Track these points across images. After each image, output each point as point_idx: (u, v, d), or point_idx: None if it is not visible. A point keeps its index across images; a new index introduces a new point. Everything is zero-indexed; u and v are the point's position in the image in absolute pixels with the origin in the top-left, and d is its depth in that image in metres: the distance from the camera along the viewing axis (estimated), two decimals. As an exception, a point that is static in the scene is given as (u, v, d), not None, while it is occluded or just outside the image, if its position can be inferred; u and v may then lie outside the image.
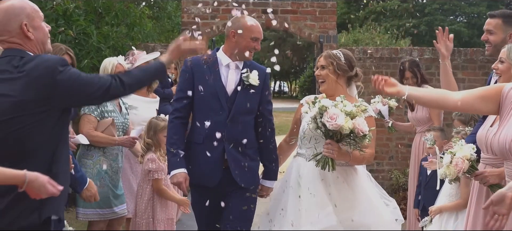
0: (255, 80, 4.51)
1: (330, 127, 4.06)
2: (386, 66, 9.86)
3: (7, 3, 3.31)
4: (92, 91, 3.31)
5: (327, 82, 4.50)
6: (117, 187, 5.51)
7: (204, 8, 9.40)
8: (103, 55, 8.04)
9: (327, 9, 9.84)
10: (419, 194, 6.08)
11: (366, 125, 4.13)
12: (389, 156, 9.90)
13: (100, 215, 5.39)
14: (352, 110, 4.10)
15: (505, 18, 4.84)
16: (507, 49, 4.04)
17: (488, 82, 5.05)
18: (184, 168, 4.42)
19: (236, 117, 4.48)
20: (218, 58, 4.56)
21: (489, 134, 3.72)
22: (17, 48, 3.29)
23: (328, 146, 4.17)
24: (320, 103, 4.13)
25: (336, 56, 4.50)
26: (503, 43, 4.70)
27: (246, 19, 4.58)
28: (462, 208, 5.11)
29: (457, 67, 9.92)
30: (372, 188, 4.56)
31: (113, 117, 5.44)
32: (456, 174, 4.05)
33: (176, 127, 4.49)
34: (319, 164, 4.22)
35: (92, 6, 8.69)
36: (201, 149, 4.46)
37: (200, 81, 4.48)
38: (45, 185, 2.98)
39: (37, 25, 3.33)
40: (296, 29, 9.80)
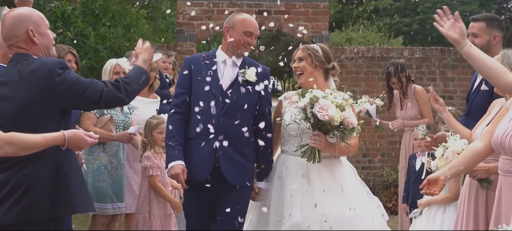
0: (252, 76, 4.52)
1: (322, 117, 4.06)
2: (378, 65, 10.05)
3: (15, 11, 3.55)
4: (88, 94, 3.53)
5: (305, 74, 4.51)
6: (118, 182, 5.66)
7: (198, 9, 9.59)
8: (101, 56, 8.20)
9: (319, 10, 10.01)
10: (408, 189, 6.27)
11: (355, 117, 4.18)
12: (380, 153, 10.09)
13: (100, 210, 5.55)
14: (342, 102, 4.13)
15: (488, 21, 5.08)
16: (501, 55, 4.11)
17: (473, 81, 5.26)
18: (181, 160, 4.41)
19: (230, 112, 4.45)
20: (216, 55, 4.60)
21: (483, 133, 4.01)
22: (23, 53, 3.49)
23: (315, 137, 4.19)
24: (311, 93, 4.13)
25: (314, 48, 4.55)
26: (488, 45, 4.99)
27: (240, 14, 4.63)
28: (450, 201, 5.32)
29: (447, 66, 10.12)
30: (357, 184, 4.56)
31: (112, 115, 5.60)
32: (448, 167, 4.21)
33: (175, 122, 4.50)
34: (305, 155, 4.22)
35: (90, 8, 8.86)
36: (194, 143, 4.46)
37: (198, 77, 4.50)
38: (84, 138, 3.27)
39: (42, 31, 3.55)
40: (289, 29, 9.98)
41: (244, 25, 4.53)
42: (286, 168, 4.45)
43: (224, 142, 4.41)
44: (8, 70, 3.52)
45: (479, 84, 5.08)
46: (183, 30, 9.72)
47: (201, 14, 9.76)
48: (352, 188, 4.43)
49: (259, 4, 9.87)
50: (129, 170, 5.92)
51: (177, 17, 9.93)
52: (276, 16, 9.89)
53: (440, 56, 10.16)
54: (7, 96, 3.38)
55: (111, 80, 5.56)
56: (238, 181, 4.49)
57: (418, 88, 6.99)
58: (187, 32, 9.71)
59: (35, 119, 3.36)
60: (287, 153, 4.51)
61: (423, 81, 9.85)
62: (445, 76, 10.13)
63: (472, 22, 5.18)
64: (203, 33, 9.75)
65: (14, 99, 3.36)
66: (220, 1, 9.74)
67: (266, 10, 9.73)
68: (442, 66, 10.15)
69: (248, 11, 9.70)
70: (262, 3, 9.90)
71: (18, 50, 3.52)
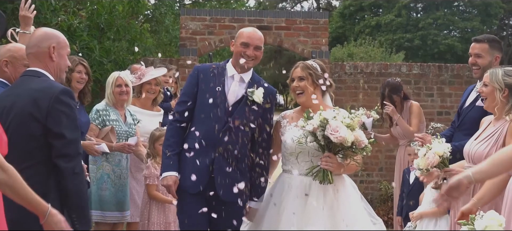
0: (259, 97, 4.47)
1: (335, 139, 4.03)
2: (376, 80, 10.23)
3: (48, 29, 3.87)
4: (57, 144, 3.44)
5: (305, 94, 4.45)
6: (121, 191, 5.81)
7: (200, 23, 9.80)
8: (105, 68, 8.41)
9: (319, 26, 10.21)
10: (402, 202, 6.44)
11: (365, 136, 4.19)
12: (378, 167, 10.25)
13: (103, 217, 5.72)
14: (350, 122, 4.10)
15: (490, 43, 5.27)
16: (489, 73, 4.35)
17: (466, 95, 5.44)
18: (175, 172, 4.40)
19: (231, 129, 4.41)
20: (225, 69, 4.55)
21: (472, 147, 4.32)
22: (36, 69, 3.69)
23: (326, 159, 4.15)
24: (321, 116, 4.09)
25: (313, 66, 4.49)
26: (490, 65, 5.13)
27: (245, 28, 4.62)
28: (442, 214, 5.49)
29: (444, 82, 10.31)
30: (359, 203, 4.48)
31: (113, 126, 5.77)
32: (426, 166, 4.44)
33: (173, 130, 4.49)
34: (317, 177, 4.19)
35: (95, 22, 9.09)
36: (193, 155, 4.41)
37: (205, 88, 4.46)
38: (61, 223, 3.15)
39: (62, 53, 3.78)
40: (290, 44, 10.18)
41: (241, 37, 4.51)
42: (288, 188, 4.39)
43: (221, 156, 4.39)
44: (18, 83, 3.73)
45: (474, 99, 5.24)
46: (185, 44, 9.93)
47: (203, 29, 9.97)
48: (353, 210, 4.36)
49: (260, 19, 10.07)
50: (132, 180, 6.04)
51: (180, 32, 10.14)
52: (277, 31, 10.09)
53: (438, 72, 10.35)
54: (12, 107, 3.56)
55: (113, 92, 5.78)
56: (231, 198, 4.44)
57: (415, 104, 7.15)
58: (189, 46, 9.92)
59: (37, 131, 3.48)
60: (289, 172, 4.45)
61: (420, 96, 10.05)
62: (442, 92, 10.32)
63: (475, 43, 5.32)
64: (205, 47, 9.96)
65: (18, 110, 3.53)
66: (222, 17, 9.96)
67: (267, 26, 9.94)
68: (439, 82, 10.33)
69: (249, 26, 9.89)
70: (264, 18, 10.10)
71: (34, 64, 3.72)
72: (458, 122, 5.34)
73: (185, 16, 10.03)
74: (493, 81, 4.29)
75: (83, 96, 5.63)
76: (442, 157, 4.40)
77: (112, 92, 5.88)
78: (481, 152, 4.16)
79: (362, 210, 4.44)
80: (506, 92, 4.21)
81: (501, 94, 4.22)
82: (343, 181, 4.43)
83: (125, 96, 5.90)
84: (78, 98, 5.53)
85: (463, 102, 5.43)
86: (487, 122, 4.48)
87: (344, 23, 41.33)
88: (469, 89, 5.54)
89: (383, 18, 39.35)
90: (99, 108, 5.82)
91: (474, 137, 4.44)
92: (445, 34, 38.05)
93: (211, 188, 4.42)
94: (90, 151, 5.37)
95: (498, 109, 4.25)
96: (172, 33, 13.82)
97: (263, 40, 4.58)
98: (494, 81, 4.27)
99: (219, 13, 10.16)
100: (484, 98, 4.42)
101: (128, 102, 6.01)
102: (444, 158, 4.42)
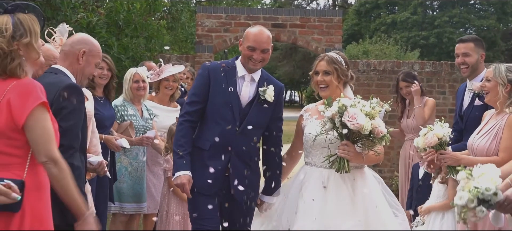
0: (271, 96, 4.44)
1: (352, 126, 3.99)
2: (389, 78, 10.38)
3: (89, 36, 3.99)
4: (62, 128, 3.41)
5: (330, 88, 4.41)
6: (139, 184, 6.00)
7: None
8: (123, 65, 8.60)
9: (333, 24, 10.38)
10: (411, 197, 6.57)
11: (384, 125, 4.14)
12: (391, 163, 10.39)
13: (120, 209, 5.94)
14: (370, 110, 4.07)
15: (475, 42, 5.60)
16: (493, 69, 4.60)
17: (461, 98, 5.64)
18: (188, 171, 4.35)
19: (246, 130, 4.41)
20: (235, 68, 4.50)
21: (474, 140, 4.58)
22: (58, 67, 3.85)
23: (344, 147, 4.13)
24: (339, 102, 4.05)
25: (339, 61, 4.43)
26: (477, 63, 5.50)
27: (252, 27, 4.53)
28: (449, 208, 5.64)
29: (456, 80, 10.42)
30: (381, 196, 4.40)
31: (132, 120, 5.97)
32: (424, 145, 4.62)
33: (185, 130, 4.42)
34: (334, 165, 4.17)
35: (113, 20, 9.28)
36: (206, 156, 4.41)
37: (216, 88, 4.41)
38: (93, 226, 3.25)
39: (91, 61, 3.91)
40: (304, 42, 10.34)
41: (247, 39, 4.42)
42: (307, 179, 4.37)
43: (237, 157, 4.41)
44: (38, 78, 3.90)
45: (471, 100, 5.45)
46: (201, 41, 10.12)
47: (219, 26, 10.16)
48: (373, 201, 4.29)
49: (275, 17, 10.26)
50: (149, 173, 6.21)
51: (196, 29, 10.33)
52: (291, 29, 10.25)
53: (450, 70, 10.47)
54: None
55: (131, 88, 5.97)
56: (245, 197, 4.48)
57: (431, 100, 7.28)
58: (205, 43, 10.11)
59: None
60: (310, 164, 4.43)
61: (433, 94, 10.17)
62: (454, 89, 10.37)
63: (461, 43, 5.65)
64: (221, 44, 10.16)
65: None
66: (237, 14, 10.16)
67: (282, 24, 10.12)
68: (451, 80, 10.45)
69: (264, 24, 10.06)
70: (278, 16, 10.29)
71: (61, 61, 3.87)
72: (463, 125, 5.51)
73: (201, 14, 10.23)
74: (496, 77, 4.53)
75: (108, 92, 5.78)
76: (440, 140, 4.57)
77: (130, 87, 6.08)
78: (482, 146, 4.37)
79: (383, 202, 4.37)
80: (508, 87, 4.47)
81: (504, 89, 4.47)
82: (363, 173, 4.39)
83: (142, 91, 6.10)
84: (103, 93, 5.72)
85: (460, 104, 5.62)
86: (488, 116, 4.73)
87: (359, 20, 41.38)
88: (461, 90, 5.78)
89: (398, 16, 39.35)
90: (118, 104, 6.01)
91: (476, 132, 4.68)
92: (461, 32, 37.98)
93: (225, 188, 4.43)
94: (111, 146, 5.53)
95: (500, 104, 4.50)
96: (188, 30, 13.98)
97: (271, 40, 4.50)
98: (497, 76, 4.52)
99: (235, 11, 10.37)
100: (486, 92, 4.64)
101: (145, 97, 6.20)
102: (442, 141, 4.59)
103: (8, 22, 3.08)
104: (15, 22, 3.09)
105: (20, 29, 3.09)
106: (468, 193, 3.58)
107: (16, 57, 3.06)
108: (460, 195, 3.64)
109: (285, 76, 44.73)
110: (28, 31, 3.11)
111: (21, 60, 3.08)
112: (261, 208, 4.65)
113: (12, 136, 3.02)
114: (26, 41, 3.10)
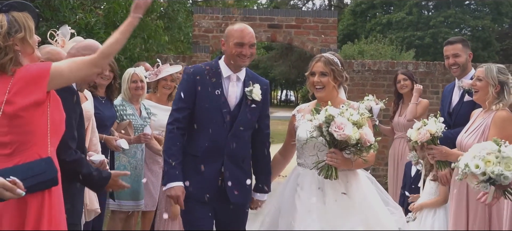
0: (258, 95, 4.41)
1: (338, 137, 3.97)
2: (383, 78, 10.53)
3: (97, 44, 4.06)
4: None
5: (326, 89, 4.39)
6: (137, 182, 6.08)
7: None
8: (121, 65, 8.69)
9: (328, 25, 10.52)
10: (404, 195, 6.71)
11: (372, 134, 4.09)
12: (384, 162, 10.50)
13: (119, 206, 6.05)
14: (358, 119, 4.04)
15: (462, 42, 5.84)
16: (485, 69, 4.82)
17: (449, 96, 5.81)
18: (181, 182, 4.29)
19: (237, 131, 4.38)
20: (220, 68, 4.44)
21: (463, 138, 4.80)
22: None
23: (332, 155, 4.11)
24: (326, 112, 4.02)
25: (335, 62, 4.42)
26: (467, 62, 5.74)
27: (233, 25, 4.47)
28: (440, 204, 5.79)
29: (450, 80, 10.48)
30: (375, 194, 4.41)
31: (130, 120, 6.09)
32: (416, 139, 4.74)
33: (175, 138, 4.34)
34: (322, 172, 4.14)
35: (111, 20, 9.39)
36: (199, 161, 4.35)
37: (203, 92, 4.35)
38: None
39: None
40: (299, 42, 10.48)
41: (234, 37, 4.36)
42: (301, 181, 4.36)
43: (229, 160, 4.37)
44: None
45: (461, 97, 5.61)
46: (198, 42, 10.25)
47: (216, 27, 10.28)
48: (368, 201, 4.31)
49: (271, 18, 10.38)
50: (147, 171, 6.32)
51: (193, 29, 10.46)
52: (287, 30, 10.38)
53: (443, 71, 10.62)
54: None
55: (129, 88, 6.10)
56: (241, 200, 4.46)
57: (424, 100, 7.44)
58: (202, 43, 10.24)
59: None
60: (303, 166, 4.43)
61: (426, 94, 10.30)
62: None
63: (449, 45, 5.86)
64: (217, 44, 10.28)
65: None
66: (233, 15, 10.28)
67: (278, 24, 10.25)
68: (445, 80, 10.59)
69: (260, 24, 10.26)
70: (274, 17, 10.42)
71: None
72: (452, 122, 5.65)
73: (198, 15, 10.36)
74: (488, 77, 4.76)
75: (111, 92, 5.87)
76: (433, 136, 4.70)
77: (128, 87, 6.19)
78: (471, 144, 4.53)
79: (378, 201, 4.37)
80: (498, 88, 4.72)
81: (494, 89, 4.72)
82: (356, 174, 4.37)
83: (141, 91, 6.21)
84: (105, 94, 5.82)
85: (449, 102, 5.77)
86: (475, 115, 4.94)
87: (355, 20, 41.49)
88: (448, 89, 5.97)
89: (394, 16, 39.50)
90: (117, 104, 6.10)
91: (464, 130, 4.88)
92: (456, 32, 38.14)
93: (221, 193, 4.38)
94: (111, 146, 5.62)
95: (489, 103, 4.72)
96: (184, 30, 14.07)
97: (254, 35, 4.48)
98: (489, 77, 4.74)
99: (231, 11, 10.48)
100: (476, 91, 4.83)
101: (143, 97, 6.32)
102: (434, 137, 4.72)
103: (3, 20, 3.26)
104: (10, 20, 3.26)
105: (15, 25, 3.26)
106: (485, 166, 3.77)
107: (9, 52, 3.22)
108: (476, 162, 3.81)
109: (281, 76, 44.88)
110: (22, 27, 3.28)
111: (14, 55, 3.23)
112: (252, 206, 4.64)
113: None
114: (20, 35, 3.26)
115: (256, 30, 10.34)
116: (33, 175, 3.09)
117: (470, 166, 3.82)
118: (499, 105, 4.69)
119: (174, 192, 4.26)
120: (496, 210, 4.67)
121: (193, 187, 4.33)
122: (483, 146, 3.91)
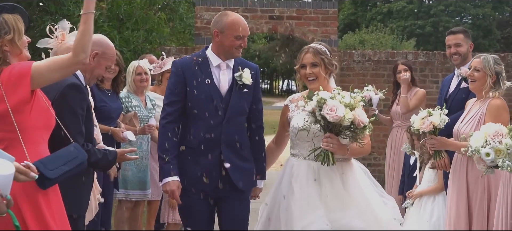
0: (248, 79, 4.39)
1: (331, 119, 3.95)
2: (383, 68, 10.65)
3: (106, 38, 4.13)
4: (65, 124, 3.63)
5: (318, 80, 4.36)
6: (143, 171, 6.25)
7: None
8: (125, 57, 8.78)
9: (329, 16, 10.62)
10: (403, 182, 6.85)
11: (365, 115, 4.08)
12: (385, 151, 10.62)
13: (126, 196, 6.20)
14: (350, 101, 4.03)
15: (464, 33, 5.97)
16: (482, 60, 4.98)
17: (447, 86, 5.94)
18: (176, 176, 4.27)
19: (231, 118, 4.35)
20: (208, 58, 4.41)
21: (459, 128, 4.96)
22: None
23: (327, 139, 4.07)
24: (318, 96, 4.01)
25: (324, 51, 4.39)
26: (468, 52, 5.87)
27: (228, 16, 4.39)
28: (439, 191, 5.94)
29: (449, 69, 10.61)
30: (369, 186, 4.40)
31: (136, 111, 6.23)
32: (419, 128, 4.91)
33: (168, 133, 4.31)
34: (319, 158, 4.12)
35: (115, 13, 9.51)
36: (196, 153, 4.32)
37: (193, 83, 4.32)
38: None
39: (101, 63, 4.03)
40: (300, 33, 10.60)
41: (234, 30, 4.33)
42: (296, 173, 4.31)
43: (227, 148, 4.34)
44: None
45: (458, 84, 5.77)
46: (200, 34, 10.37)
47: (218, 19, 10.37)
48: (363, 193, 4.30)
49: (272, 9, 10.49)
50: (152, 161, 6.41)
51: (195, 22, 10.57)
52: (288, 21, 10.50)
53: (443, 60, 10.73)
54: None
55: (134, 80, 6.23)
56: (246, 184, 4.44)
57: (421, 90, 7.52)
58: (204, 35, 10.36)
59: None
60: (297, 156, 4.38)
61: (426, 83, 10.43)
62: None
63: (452, 35, 5.99)
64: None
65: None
66: (235, 7, 10.38)
67: (279, 15, 10.37)
68: (444, 69, 10.70)
69: (261, 16, 10.39)
70: (275, 9, 10.52)
71: None
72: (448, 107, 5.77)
73: (200, 7, 10.47)
74: (485, 68, 4.93)
75: (117, 85, 5.99)
76: (435, 127, 4.86)
77: (133, 80, 6.32)
78: (467, 133, 4.66)
79: (372, 192, 4.36)
80: (494, 78, 4.90)
81: (491, 79, 4.90)
82: (351, 165, 4.37)
83: (145, 83, 6.34)
84: (111, 87, 5.95)
85: (446, 91, 5.89)
86: (470, 104, 5.11)
87: (356, 10, 41.49)
88: (448, 79, 6.13)
89: (394, 5, 39.50)
90: (122, 96, 6.23)
91: (460, 119, 5.04)
92: (456, 20, 38.18)
93: (222, 182, 4.35)
94: (117, 137, 5.73)
95: (485, 92, 4.90)
96: (186, 22, 14.15)
97: None
98: (487, 67, 4.90)
99: (233, 3, 10.58)
100: (473, 80, 4.99)
101: (147, 89, 6.45)
102: (436, 128, 4.88)
103: None
104: (0, 21, 3.36)
105: (5, 27, 3.36)
106: (495, 156, 4.04)
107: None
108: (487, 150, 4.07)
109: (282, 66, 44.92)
110: (12, 28, 3.37)
111: (2, 55, 3.32)
112: (253, 196, 4.64)
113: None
114: (9, 37, 3.35)
115: (257, 22, 10.58)
116: (71, 159, 3.30)
117: (481, 152, 4.09)
118: (496, 93, 4.85)
119: (169, 188, 4.26)
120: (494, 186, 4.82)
121: (192, 180, 4.32)
122: (496, 129, 4.16)
